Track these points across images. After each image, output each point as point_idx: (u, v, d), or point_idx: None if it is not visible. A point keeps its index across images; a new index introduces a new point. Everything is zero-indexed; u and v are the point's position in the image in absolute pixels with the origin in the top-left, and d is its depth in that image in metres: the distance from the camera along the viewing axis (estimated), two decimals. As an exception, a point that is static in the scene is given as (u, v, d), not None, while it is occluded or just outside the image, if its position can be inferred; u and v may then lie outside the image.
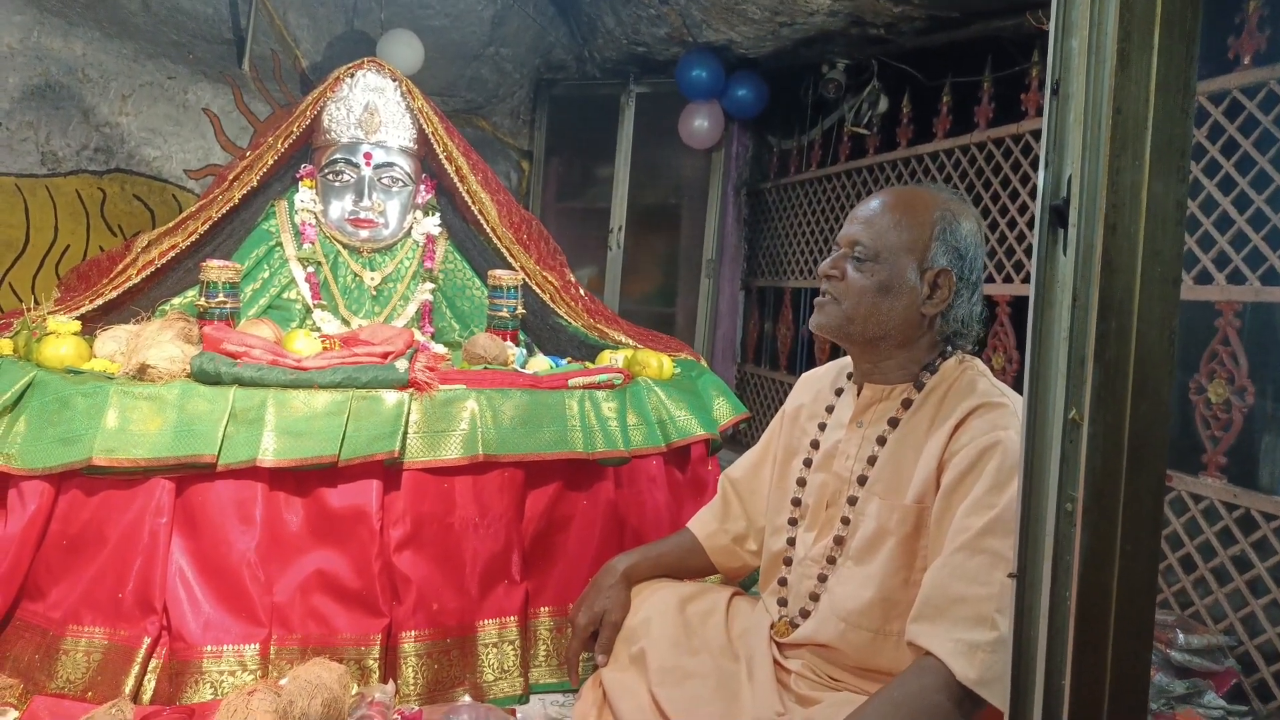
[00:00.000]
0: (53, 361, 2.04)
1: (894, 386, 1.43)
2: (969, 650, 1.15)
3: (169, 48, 3.85)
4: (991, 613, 1.16)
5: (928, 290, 1.37)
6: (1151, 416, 0.83)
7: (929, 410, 1.37)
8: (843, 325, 1.41)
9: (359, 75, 2.70)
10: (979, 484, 1.23)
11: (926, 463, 1.32)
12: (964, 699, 1.15)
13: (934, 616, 1.21)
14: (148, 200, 3.89)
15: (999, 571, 1.18)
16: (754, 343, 4.94)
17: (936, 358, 1.41)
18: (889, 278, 1.37)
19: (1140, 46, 0.81)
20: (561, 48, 4.82)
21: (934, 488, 1.30)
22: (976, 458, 1.25)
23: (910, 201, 1.40)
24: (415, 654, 1.93)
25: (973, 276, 1.39)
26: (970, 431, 1.29)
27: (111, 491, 1.88)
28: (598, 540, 2.18)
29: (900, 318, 1.38)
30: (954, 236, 1.37)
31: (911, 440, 1.37)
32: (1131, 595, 0.83)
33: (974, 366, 1.40)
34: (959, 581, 1.20)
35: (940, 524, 1.27)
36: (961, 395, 1.34)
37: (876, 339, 1.40)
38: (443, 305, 2.87)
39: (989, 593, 1.17)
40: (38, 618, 1.86)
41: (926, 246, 1.36)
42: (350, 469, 1.96)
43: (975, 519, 1.22)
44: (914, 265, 1.37)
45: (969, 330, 1.42)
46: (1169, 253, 0.83)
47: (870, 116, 4.00)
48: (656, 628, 1.49)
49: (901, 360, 1.42)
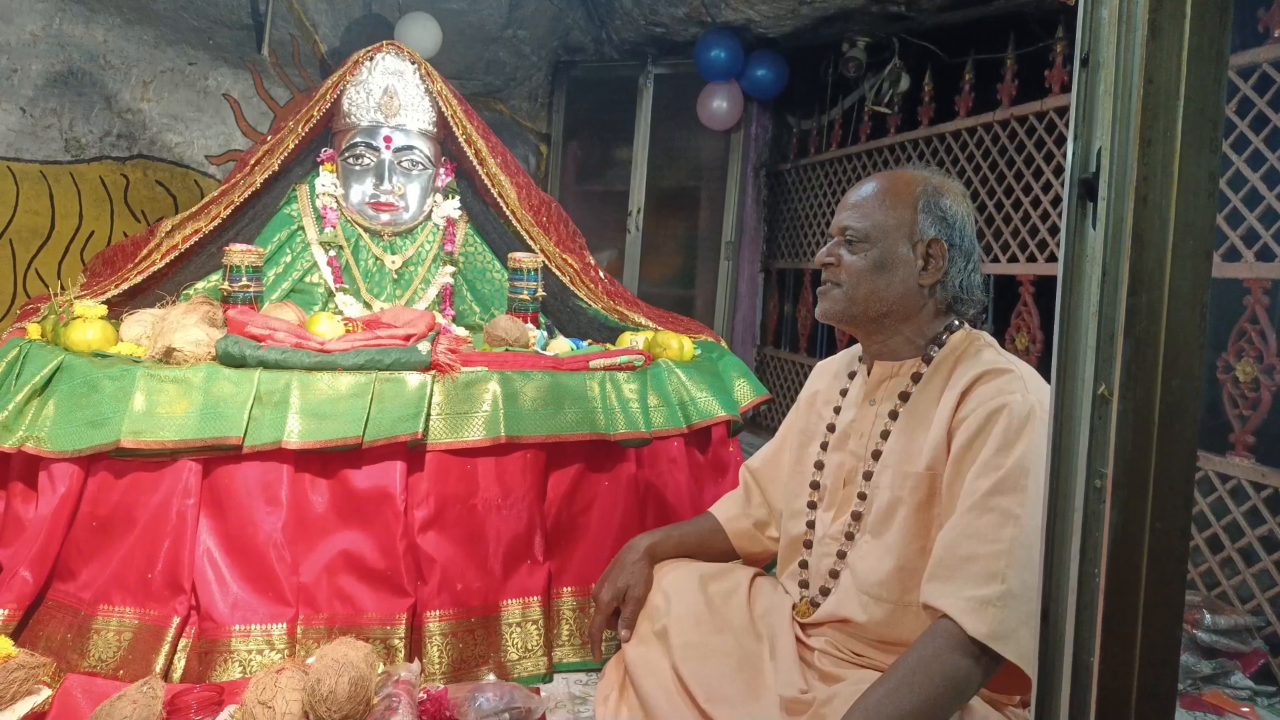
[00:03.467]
0: (80, 345, 2.06)
1: (903, 362, 1.46)
2: (979, 606, 1.17)
3: (189, 34, 3.86)
4: (1001, 568, 1.18)
5: (921, 261, 1.41)
6: (1182, 392, 0.82)
7: (938, 381, 1.40)
8: (846, 308, 1.45)
9: (378, 59, 2.70)
10: (986, 446, 1.26)
11: (936, 430, 1.34)
12: (980, 655, 1.16)
13: (945, 576, 1.22)
14: (170, 186, 3.92)
15: (1007, 529, 1.19)
16: (774, 325, 4.92)
17: (943, 331, 1.44)
18: (882, 255, 1.41)
19: (1172, 15, 0.80)
20: (579, 29, 4.80)
21: (944, 454, 1.32)
22: (984, 421, 1.27)
23: (892, 181, 1.45)
24: (440, 633, 1.95)
25: (964, 244, 1.43)
26: (977, 397, 1.31)
27: (140, 473, 1.90)
28: (619, 521, 2.18)
29: (899, 291, 1.41)
30: (939, 207, 1.41)
31: (922, 411, 1.39)
32: (1162, 572, 0.82)
33: (981, 338, 1.43)
34: (969, 540, 1.22)
35: (951, 489, 1.29)
36: (968, 364, 1.37)
37: (880, 316, 1.43)
38: (463, 288, 2.87)
39: (998, 549, 1.19)
40: (69, 598, 1.89)
41: (914, 220, 1.41)
42: (374, 450, 1.97)
43: (983, 480, 1.24)
44: (905, 239, 1.41)
45: (970, 296, 1.44)
46: (1201, 225, 0.81)
47: (891, 95, 3.96)
48: (679, 605, 1.50)
49: (908, 334, 1.44)
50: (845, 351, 1.66)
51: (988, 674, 1.18)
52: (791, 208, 4.74)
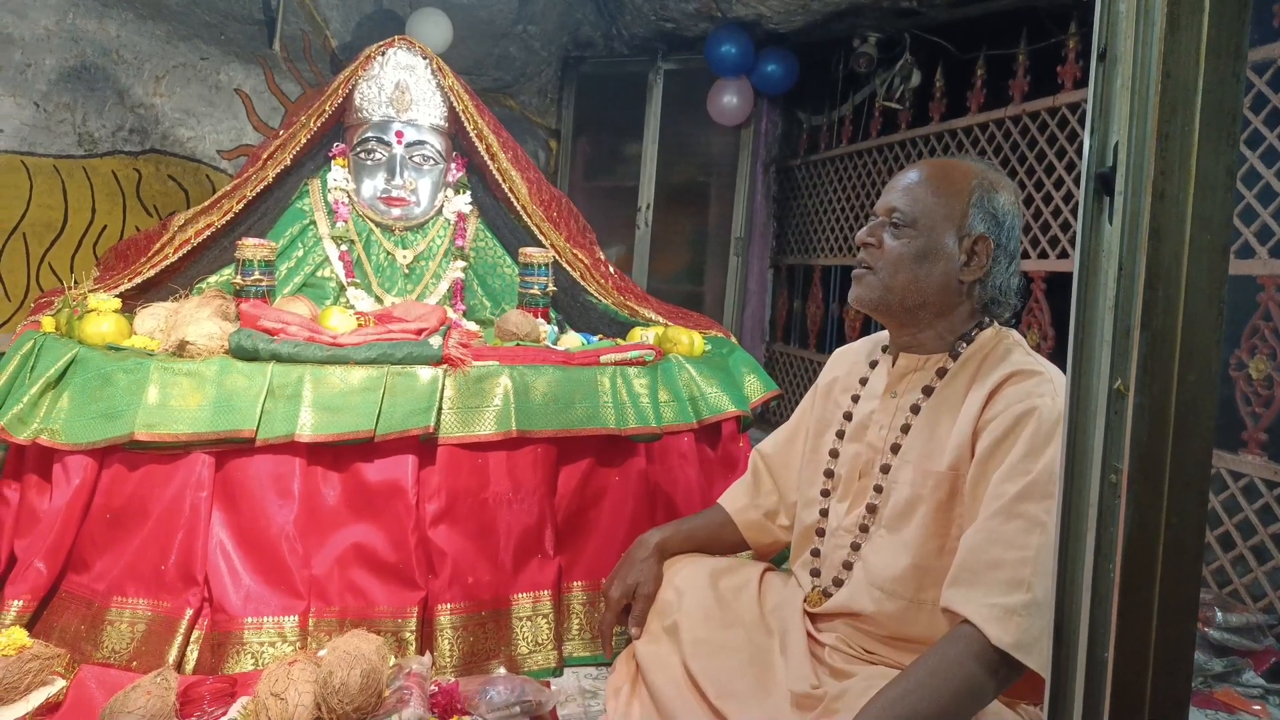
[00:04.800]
0: (94, 339, 2.08)
1: (929, 356, 1.42)
2: (1004, 615, 1.15)
3: (201, 29, 3.87)
4: (1027, 576, 1.15)
5: (965, 257, 1.36)
6: (1199, 387, 0.82)
7: (964, 378, 1.37)
8: (882, 296, 1.40)
9: (390, 53, 2.70)
10: (1014, 450, 1.23)
11: (961, 429, 1.31)
12: (1001, 664, 1.14)
13: (969, 582, 1.20)
14: (182, 180, 3.94)
15: (1034, 536, 1.17)
16: (783, 321, 4.91)
17: (973, 328, 1.40)
18: (927, 244, 1.36)
19: (1190, 9, 0.79)
20: (589, 25, 4.80)
21: (968, 454, 1.29)
22: (1012, 424, 1.25)
23: (948, 170, 1.40)
24: (451, 626, 1.96)
25: (1010, 245, 1.39)
26: (1005, 398, 1.28)
27: (153, 466, 1.91)
28: (629, 516, 2.19)
29: (938, 285, 1.37)
30: (991, 204, 1.37)
31: (946, 408, 1.36)
32: (1177, 568, 0.82)
33: (1010, 337, 1.40)
34: (994, 546, 1.20)
35: (975, 490, 1.27)
36: (997, 364, 1.34)
37: (915, 308, 1.39)
38: (474, 283, 2.88)
39: (1024, 557, 1.17)
40: (83, 589, 1.90)
41: (964, 213, 1.36)
42: (386, 444, 1.98)
43: (1010, 485, 1.21)
44: (952, 232, 1.36)
45: (1006, 299, 1.41)
46: (1218, 220, 0.81)
47: (902, 91, 3.95)
48: (689, 601, 1.50)
49: (940, 330, 1.41)
50: (867, 339, 1.62)
51: (1007, 682, 1.16)
52: (801, 204, 4.73)
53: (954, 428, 1.33)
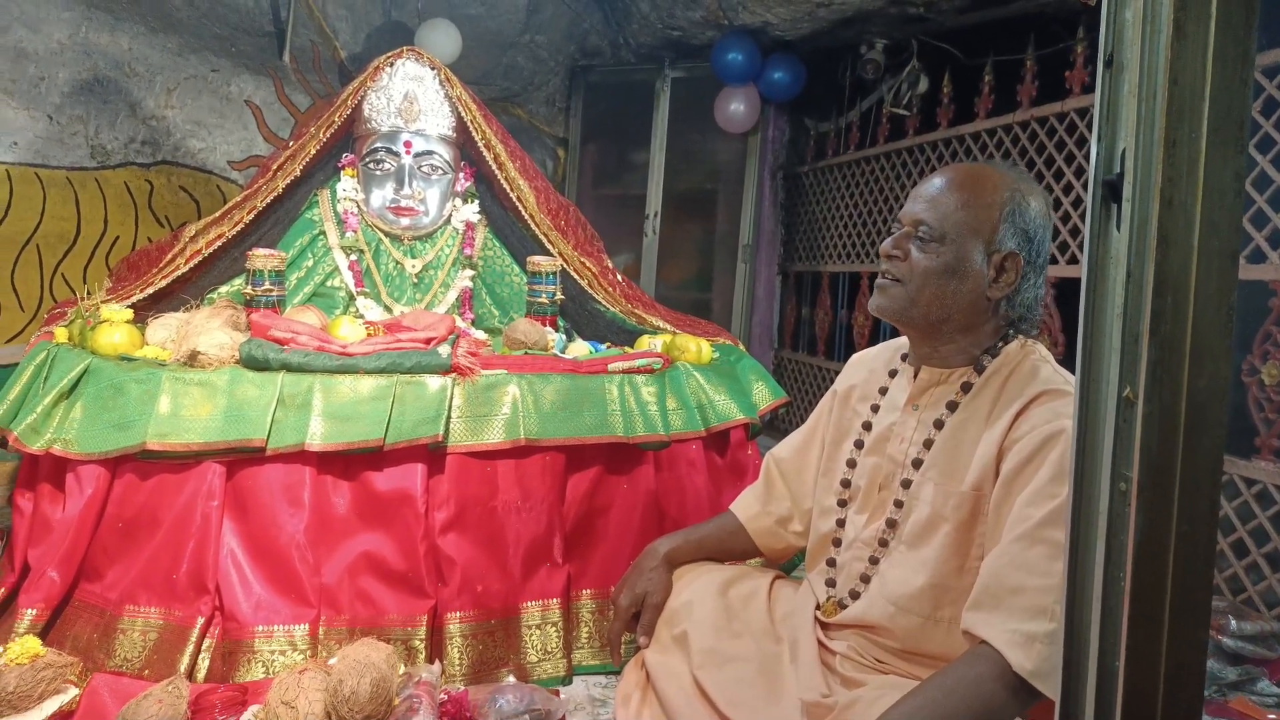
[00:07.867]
0: (106, 349, 2.09)
1: (953, 370, 1.39)
2: (1026, 641, 1.13)
3: (212, 41, 3.90)
4: (1050, 604, 1.13)
5: (994, 273, 1.32)
6: (1208, 394, 0.81)
7: (989, 395, 1.33)
8: (906, 308, 1.36)
9: (398, 64, 2.72)
10: (1040, 473, 1.20)
11: (986, 449, 1.28)
12: (1019, 689, 1.13)
13: (991, 606, 1.18)
14: (193, 191, 3.96)
15: (1059, 563, 1.14)
16: (791, 328, 4.91)
17: (998, 341, 1.37)
18: (954, 260, 1.32)
19: (1197, 16, 0.79)
20: (596, 34, 4.81)
21: (993, 475, 1.27)
22: (1038, 446, 1.22)
23: (978, 180, 1.34)
24: (460, 635, 1.96)
25: (1040, 260, 1.35)
26: (1032, 419, 1.25)
27: (165, 475, 1.92)
28: (638, 524, 2.19)
29: (965, 301, 1.33)
30: (1023, 219, 1.32)
31: (970, 425, 1.33)
32: (1188, 577, 0.81)
33: (1036, 351, 1.36)
34: (1017, 571, 1.17)
35: (999, 512, 1.24)
36: (1024, 381, 1.31)
37: (939, 322, 1.36)
38: (482, 292, 2.89)
39: (1047, 584, 1.15)
40: (95, 598, 1.91)
41: (995, 228, 1.31)
42: (395, 453, 1.99)
43: (1035, 509, 1.19)
44: (981, 247, 1.32)
45: (1033, 315, 1.37)
46: (1227, 226, 0.81)
47: (910, 97, 3.94)
48: (698, 610, 1.50)
49: (963, 344, 1.38)
50: (887, 344, 1.59)
51: (1024, 708, 1.15)
52: (809, 210, 4.73)
53: (978, 446, 1.30)
